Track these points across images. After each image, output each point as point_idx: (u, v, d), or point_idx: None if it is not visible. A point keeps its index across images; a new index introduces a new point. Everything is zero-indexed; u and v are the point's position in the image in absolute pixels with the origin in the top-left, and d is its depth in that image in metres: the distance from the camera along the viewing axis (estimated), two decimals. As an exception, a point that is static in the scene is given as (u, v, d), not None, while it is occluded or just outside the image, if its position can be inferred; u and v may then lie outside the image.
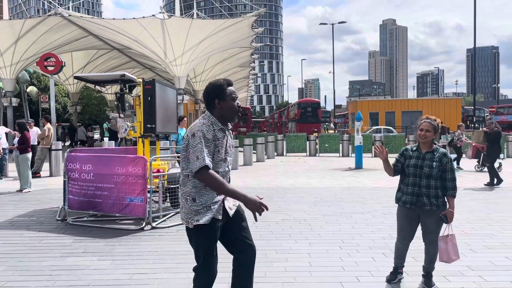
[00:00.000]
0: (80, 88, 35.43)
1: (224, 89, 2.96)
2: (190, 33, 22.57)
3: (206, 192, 2.89)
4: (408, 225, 4.10)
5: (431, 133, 3.98)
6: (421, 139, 4.01)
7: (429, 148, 4.03)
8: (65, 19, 20.74)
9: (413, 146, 4.15)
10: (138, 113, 7.53)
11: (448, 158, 3.98)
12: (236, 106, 2.98)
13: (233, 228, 3.07)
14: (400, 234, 4.19)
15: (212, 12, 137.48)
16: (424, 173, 3.94)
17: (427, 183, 3.94)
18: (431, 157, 3.97)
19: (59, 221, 6.93)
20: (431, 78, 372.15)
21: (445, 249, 3.92)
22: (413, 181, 4.00)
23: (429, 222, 4.00)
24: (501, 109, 45.58)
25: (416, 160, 4.01)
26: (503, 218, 7.05)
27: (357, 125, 15.63)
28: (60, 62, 16.92)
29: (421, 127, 4.03)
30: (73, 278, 4.38)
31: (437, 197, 3.94)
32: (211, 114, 2.96)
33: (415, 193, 3.98)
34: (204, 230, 2.91)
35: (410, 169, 4.02)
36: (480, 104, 75.98)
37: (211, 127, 2.89)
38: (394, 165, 4.18)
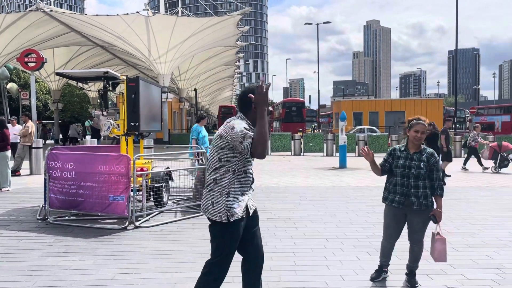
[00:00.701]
0: (62, 85, 34.85)
1: None
2: (175, 30, 22.41)
3: (238, 188, 2.99)
4: (395, 225, 4.13)
5: (425, 135, 4.01)
6: (415, 140, 4.01)
7: (417, 148, 4.06)
8: (47, 15, 20.36)
9: (401, 146, 4.17)
10: (122, 111, 7.43)
11: (435, 158, 4.01)
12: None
13: (249, 229, 3.13)
14: (386, 233, 4.21)
15: (197, 10, 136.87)
16: (412, 174, 3.96)
17: (415, 184, 3.96)
18: (419, 158, 3.99)
19: (40, 220, 6.78)
20: (414, 79, 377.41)
21: (443, 249, 3.94)
22: (401, 181, 4.02)
23: (415, 221, 4.03)
24: (481, 110, 46.50)
25: (404, 160, 4.03)
26: (484, 217, 7.17)
27: (341, 124, 15.73)
28: (41, 58, 16.58)
29: (416, 128, 4.01)
30: (53, 279, 4.29)
31: (426, 197, 3.97)
32: (244, 117, 3.04)
33: (403, 193, 4.00)
34: (233, 226, 2.96)
35: (398, 169, 4.03)
36: (461, 105, 77.32)
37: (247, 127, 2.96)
38: (382, 165, 4.19)
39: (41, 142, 13.18)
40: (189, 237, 5.86)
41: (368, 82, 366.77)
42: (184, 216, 7.14)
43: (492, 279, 4.27)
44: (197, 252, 5.18)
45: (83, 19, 21.64)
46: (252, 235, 3.16)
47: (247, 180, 3.06)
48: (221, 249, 3.01)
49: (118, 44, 24.27)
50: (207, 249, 5.32)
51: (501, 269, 4.56)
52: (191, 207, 7.67)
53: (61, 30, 23.36)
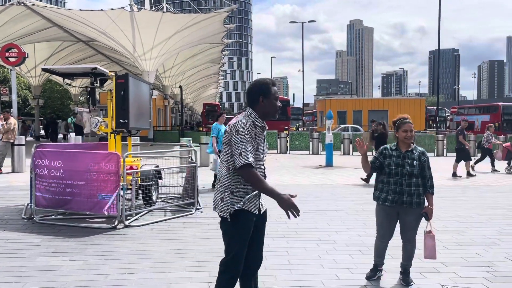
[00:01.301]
0: (43, 81, 34.14)
1: (270, 87, 3.04)
2: (160, 27, 22.17)
3: (244, 187, 2.96)
4: (388, 224, 4.16)
5: (413, 133, 4.09)
6: (406, 140, 4.07)
7: (408, 147, 4.11)
8: (29, 9, 19.91)
9: (392, 146, 4.21)
10: (110, 108, 7.30)
11: (426, 156, 4.10)
12: (277, 104, 3.05)
13: (256, 229, 3.09)
14: (380, 233, 4.24)
15: (181, 7, 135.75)
16: (405, 172, 4.01)
17: (409, 182, 4.01)
18: (411, 156, 4.05)
19: (25, 219, 6.62)
20: (395, 79, 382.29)
21: (432, 246, 4.01)
22: (394, 179, 4.05)
23: (408, 220, 4.07)
24: (462, 110, 47.36)
25: (397, 159, 4.07)
26: (470, 215, 7.29)
27: (328, 123, 15.81)
28: (23, 53, 16.22)
29: (405, 128, 4.08)
30: (44, 280, 4.19)
31: (419, 195, 4.02)
32: (253, 111, 3.02)
33: (397, 191, 4.03)
34: (240, 219, 2.94)
35: (392, 168, 4.06)
36: (441, 104, 78.54)
37: (253, 125, 2.96)
38: (372, 162, 4.23)
39: (24, 139, 12.87)
40: (180, 236, 5.80)
41: (351, 81, 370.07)
42: (174, 215, 7.07)
43: (484, 277, 4.34)
44: (190, 251, 5.12)
45: (66, 14, 21.22)
46: (258, 235, 3.13)
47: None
48: (232, 246, 3.00)
49: (102, 40, 23.89)
50: (200, 248, 5.29)
51: (492, 267, 4.64)
52: (180, 206, 7.60)
53: (43, 24, 22.87)
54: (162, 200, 8.14)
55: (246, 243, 3.01)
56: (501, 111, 37.77)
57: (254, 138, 2.93)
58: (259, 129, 3.00)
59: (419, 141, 21.87)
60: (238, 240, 2.98)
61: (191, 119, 66.85)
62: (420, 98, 53.70)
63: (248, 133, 2.88)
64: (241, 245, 2.99)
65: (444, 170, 14.26)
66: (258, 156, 2.99)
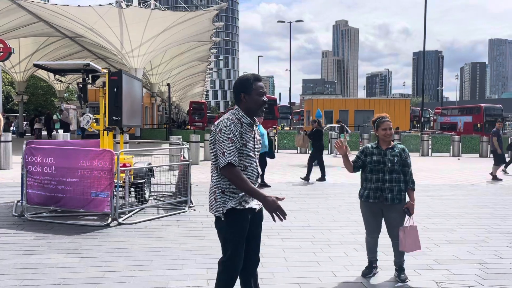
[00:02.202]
0: (27, 77, 33.55)
1: (250, 83, 2.99)
2: (149, 24, 22.02)
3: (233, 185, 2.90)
4: (373, 219, 4.30)
5: (392, 131, 4.25)
6: (386, 137, 4.23)
7: (388, 144, 4.27)
8: (14, 3, 19.54)
9: (372, 144, 4.37)
10: (102, 105, 7.25)
11: (406, 153, 4.27)
12: (260, 100, 2.99)
13: (252, 227, 3.06)
14: (368, 229, 4.38)
15: (168, 4, 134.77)
16: (387, 168, 4.15)
17: (390, 178, 4.16)
18: (392, 153, 4.20)
19: (16, 217, 6.54)
20: (380, 79, 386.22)
21: (403, 238, 4.13)
22: (376, 176, 4.20)
23: (392, 216, 4.21)
24: (445, 111, 48.11)
25: (378, 156, 4.22)
26: (459, 213, 7.45)
27: (316, 122, 15.88)
28: (8, 48, 16.00)
29: (384, 126, 4.23)
30: (41, 277, 4.15)
31: (400, 191, 4.17)
32: (239, 108, 3.00)
33: (378, 187, 4.18)
34: (233, 217, 2.92)
35: (373, 165, 4.21)
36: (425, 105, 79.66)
37: (239, 123, 2.92)
38: (354, 162, 4.36)
39: (10, 136, 12.66)
40: (175, 234, 5.80)
41: (336, 81, 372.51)
42: (167, 213, 7.05)
43: (476, 274, 4.45)
44: (186, 249, 5.13)
45: (53, 9, 20.89)
46: (255, 232, 3.12)
47: (250, 174, 2.95)
48: (228, 245, 2.98)
49: (89, 36, 23.60)
50: (195, 246, 5.30)
51: (483, 264, 4.76)
52: (173, 204, 7.59)
53: (29, 19, 22.48)
54: (154, 198, 8.11)
55: (242, 241, 2.98)
56: (483, 112, 38.52)
57: (240, 136, 2.89)
58: (246, 126, 2.95)
59: (404, 141, 22.18)
60: (233, 239, 2.96)
61: (178, 117, 66.46)
62: (405, 98, 54.27)
63: (230, 132, 2.85)
64: (236, 244, 2.96)
65: (429, 170, 14.50)
66: (248, 154, 2.95)
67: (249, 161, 2.97)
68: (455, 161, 18.49)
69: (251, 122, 3.00)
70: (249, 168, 2.96)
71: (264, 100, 3.01)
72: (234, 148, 2.84)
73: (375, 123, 4.31)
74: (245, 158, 2.94)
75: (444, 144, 22.31)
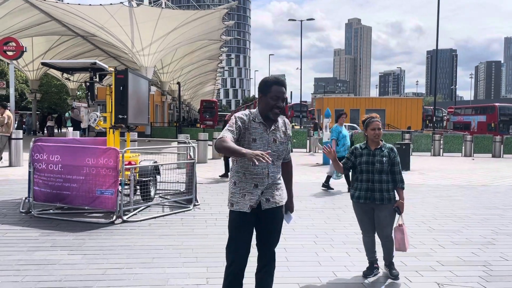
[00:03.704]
0: (41, 75, 34.00)
1: (268, 86, 3.03)
2: (159, 22, 22.12)
3: (245, 179, 3.02)
4: (367, 219, 4.31)
5: (381, 131, 4.24)
6: (375, 137, 4.22)
7: (377, 145, 4.26)
8: (27, 2, 19.81)
9: (361, 145, 4.36)
10: (109, 103, 7.30)
11: (395, 153, 4.25)
12: (271, 103, 2.99)
13: (262, 224, 3.12)
14: (363, 229, 4.39)
15: (180, 2, 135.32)
16: (376, 169, 4.16)
17: (379, 178, 4.16)
18: (380, 153, 4.20)
19: (23, 213, 6.62)
20: (393, 78, 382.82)
21: (401, 239, 4.17)
22: (366, 177, 4.21)
23: (382, 215, 4.21)
24: (458, 110, 47.51)
25: (367, 157, 4.22)
26: (466, 215, 7.35)
27: (325, 122, 15.84)
28: (20, 47, 16.18)
29: (373, 126, 4.23)
30: (43, 273, 4.20)
31: (388, 190, 4.17)
32: (257, 108, 3.11)
33: (369, 188, 4.19)
34: (233, 217, 3.06)
35: (363, 166, 4.21)
36: (439, 104, 78.81)
37: (250, 118, 3.02)
38: (344, 163, 4.37)
39: (21, 133, 12.84)
40: (178, 232, 5.82)
41: (348, 80, 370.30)
42: (172, 211, 7.08)
43: (479, 276, 4.39)
44: (188, 247, 5.15)
45: (64, 8, 21.11)
46: (266, 233, 3.14)
47: (259, 170, 2.99)
48: (229, 234, 3.11)
49: (100, 35, 23.81)
50: (198, 244, 5.31)
51: (487, 266, 4.69)
52: (178, 202, 7.62)
53: (42, 18, 22.77)
54: (160, 196, 8.15)
55: (238, 237, 3.04)
56: (497, 112, 37.94)
57: (245, 128, 2.98)
58: (257, 124, 3.02)
59: (415, 141, 21.95)
60: (230, 231, 3.09)
61: (189, 116, 66.74)
62: (418, 98, 53.77)
63: (235, 120, 2.96)
64: (232, 236, 3.07)
65: (440, 170, 14.33)
66: (257, 150, 2.94)
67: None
68: (466, 161, 18.24)
69: (262, 122, 3.02)
70: (259, 164, 2.96)
71: (278, 105, 3.01)
72: (228, 131, 2.91)
73: (364, 122, 4.34)
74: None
75: (456, 144, 22.02)
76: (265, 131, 3.03)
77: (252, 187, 3.01)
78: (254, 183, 3.01)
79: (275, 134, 3.07)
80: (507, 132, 35.65)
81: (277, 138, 3.08)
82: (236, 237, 3.07)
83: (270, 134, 3.04)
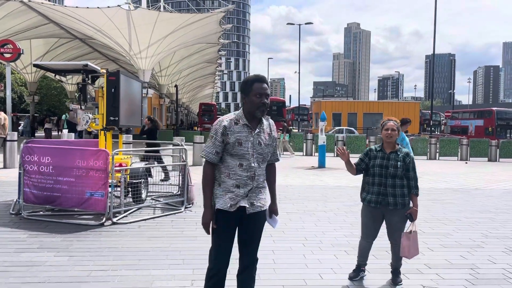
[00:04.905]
0: (39, 77, 34.02)
1: (249, 85, 3.00)
2: (156, 26, 22.16)
3: (228, 180, 3.01)
4: (372, 224, 4.20)
5: (396, 133, 4.10)
6: (387, 138, 4.11)
7: (392, 148, 4.15)
8: (25, 5, 19.84)
9: (377, 147, 4.24)
10: (101, 105, 7.31)
11: (410, 158, 4.12)
12: (257, 101, 2.96)
13: (245, 228, 3.11)
14: (364, 233, 4.28)
15: (179, 6, 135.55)
16: (389, 173, 4.04)
17: (393, 183, 4.04)
18: (395, 157, 4.08)
19: (13, 215, 6.60)
20: (392, 82, 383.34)
21: (406, 245, 4.05)
22: (379, 180, 4.09)
23: (394, 220, 4.11)
24: (456, 114, 47.58)
25: (381, 160, 4.10)
26: (458, 218, 7.35)
27: (321, 125, 15.86)
28: (17, 49, 16.19)
29: (386, 127, 4.13)
30: (28, 275, 4.19)
31: (403, 196, 4.06)
32: (241, 109, 3.07)
33: (381, 192, 4.07)
34: (218, 216, 3.03)
35: (376, 169, 4.10)
36: (437, 108, 78.99)
37: (233, 122, 3.00)
38: (358, 164, 4.25)
39: (16, 135, 12.84)
40: (167, 234, 5.81)
41: (347, 84, 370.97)
42: (163, 213, 7.07)
43: (466, 279, 4.38)
44: (176, 249, 5.14)
45: (62, 11, 21.16)
46: (249, 237, 3.13)
47: (243, 174, 2.98)
48: (211, 235, 3.09)
49: (98, 38, 23.84)
50: (185, 246, 5.30)
51: (474, 269, 4.68)
52: (170, 204, 7.61)
53: (40, 21, 22.81)
54: (152, 198, 8.14)
55: (219, 237, 3.05)
56: (494, 116, 38.01)
57: (226, 134, 2.95)
58: (241, 126, 2.97)
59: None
60: (213, 232, 3.08)
61: (187, 119, 66.76)
62: (415, 102, 53.84)
63: (215, 130, 2.99)
64: (214, 236, 3.08)
65: (435, 173, 14.34)
66: (243, 154, 2.96)
67: (245, 161, 2.98)
68: (462, 165, 18.25)
69: (246, 123, 2.98)
70: (244, 167, 2.98)
71: (263, 102, 2.96)
72: (212, 145, 2.98)
73: (382, 125, 4.24)
74: (240, 156, 2.97)
75: (452, 148, 22.03)
76: (250, 133, 2.99)
77: (234, 187, 3.00)
78: (236, 183, 2.99)
79: (260, 136, 3.02)
80: (505, 136, 35.70)
81: (262, 141, 3.04)
82: (217, 238, 3.06)
83: (255, 136, 3.01)
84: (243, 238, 3.14)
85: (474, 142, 22.43)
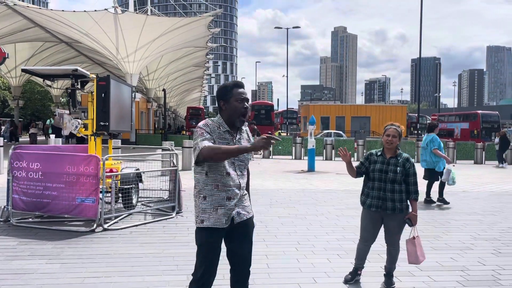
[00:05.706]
0: (23, 81, 33.57)
1: (228, 90, 2.94)
2: (144, 29, 22.07)
3: (216, 192, 2.87)
4: (371, 228, 4.24)
5: (397, 139, 4.13)
6: (387, 144, 4.14)
7: (393, 153, 4.18)
8: (10, 8, 19.59)
9: (377, 151, 4.28)
10: (90, 110, 7.25)
11: (410, 163, 4.14)
12: (239, 107, 2.91)
13: (235, 239, 3.00)
14: (363, 236, 4.32)
15: (166, 10, 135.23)
16: (388, 178, 4.08)
17: (392, 188, 4.08)
18: (395, 162, 4.12)
19: (2, 222, 6.50)
20: (378, 85, 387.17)
21: (413, 251, 4.10)
22: (378, 185, 4.13)
23: (391, 225, 4.16)
24: (442, 117, 48.23)
25: (381, 165, 4.14)
26: (446, 220, 7.45)
27: (310, 128, 15.93)
28: (3, 53, 16.03)
29: (387, 132, 4.16)
30: (19, 283, 4.13)
31: (401, 201, 4.09)
32: (220, 116, 2.97)
33: (380, 197, 4.11)
34: (204, 235, 2.89)
35: (376, 173, 4.14)
36: (423, 111, 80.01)
37: (215, 127, 2.90)
38: (358, 167, 4.30)
39: (2, 141, 12.64)
40: (159, 240, 5.78)
41: (334, 87, 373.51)
42: (154, 218, 7.04)
43: (457, 281, 4.45)
44: (169, 255, 5.12)
45: (48, 14, 20.95)
46: (240, 246, 3.01)
47: (231, 182, 2.88)
48: (197, 257, 2.94)
49: (85, 41, 23.65)
50: (178, 252, 5.28)
51: (465, 271, 4.76)
52: (161, 209, 7.57)
53: (25, 25, 22.54)
54: (142, 203, 8.09)
55: (209, 259, 2.91)
56: (480, 119, 38.64)
57: (212, 134, 2.85)
58: (223, 132, 2.91)
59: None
60: (201, 252, 2.92)
61: (175, 123, 66.48)
62: (402, 105, 54.47)
63: (202, 128, 2.84)
64: (203, 259, 2.91)
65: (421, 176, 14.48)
66: (227, 162, 2.88)
67: (231, 169, 2.90)
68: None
69: (228, 130, 2.91)
70: (231, 176, 2.89)
71: (245, 107, 2.93)
72: (203, 137, 2.80)
73: (384, 129, 4.25)
74: (225, 164, 2.87)
75: (439, 151, 22.29)
76: (231, 140, 2.93)
77: (225, 199, 2.87)
78: (227, 196, 2.87)
79: (240, 143, 2.97)
80: (489, 139, 36.29)
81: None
82: (206, 258, 2.90)
83: (237, 143, 2.94)
84: (236, 251, 3.03)
85: (460, 145, 22.76)
